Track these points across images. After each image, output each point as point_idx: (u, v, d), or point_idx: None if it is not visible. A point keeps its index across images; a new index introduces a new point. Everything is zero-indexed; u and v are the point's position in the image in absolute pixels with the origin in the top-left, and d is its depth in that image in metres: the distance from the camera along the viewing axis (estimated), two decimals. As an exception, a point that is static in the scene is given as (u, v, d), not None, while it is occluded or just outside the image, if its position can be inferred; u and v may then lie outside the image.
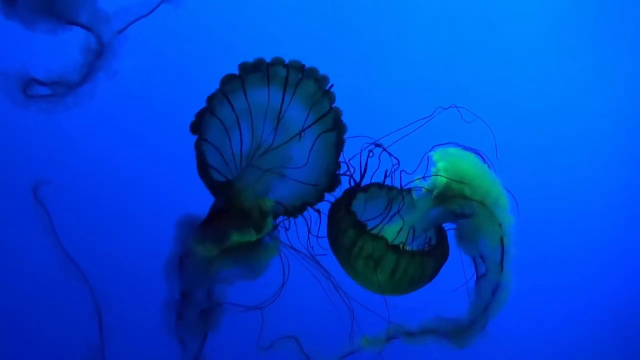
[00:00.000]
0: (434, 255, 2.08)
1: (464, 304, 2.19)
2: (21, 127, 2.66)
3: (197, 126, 1.99)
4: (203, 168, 2.01)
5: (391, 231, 2.20)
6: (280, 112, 2.09)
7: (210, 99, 2.01)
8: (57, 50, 1.89)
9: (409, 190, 2.18)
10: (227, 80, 2.02)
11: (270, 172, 2.07)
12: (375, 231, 2.13)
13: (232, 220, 2.00)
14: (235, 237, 1.96)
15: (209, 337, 2.13)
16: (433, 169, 2.13)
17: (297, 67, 2.05)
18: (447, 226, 2.18)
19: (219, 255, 2.01)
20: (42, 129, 1.73)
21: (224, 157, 2.09)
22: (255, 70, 2.02)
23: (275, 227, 2.08)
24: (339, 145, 2.11)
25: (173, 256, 2.02)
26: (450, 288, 2.17)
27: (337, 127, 2.10)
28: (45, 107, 1.87)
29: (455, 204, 2.10)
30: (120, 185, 3.12)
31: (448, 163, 2.10)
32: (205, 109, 2.00)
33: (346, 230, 2.04)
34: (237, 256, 2.02)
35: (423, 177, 2.16)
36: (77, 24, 1.81)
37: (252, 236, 1.97)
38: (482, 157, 2.14)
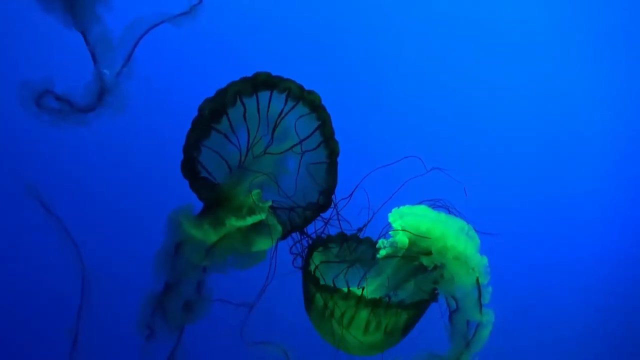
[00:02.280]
0: (416, 308, 2.09)
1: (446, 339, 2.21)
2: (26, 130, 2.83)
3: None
4: (192, 170, 2.03)
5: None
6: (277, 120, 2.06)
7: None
8: (81, 68, 1.94)
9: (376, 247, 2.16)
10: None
11: (262, 175, 2.07)
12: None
13: (228, 208, 2.03)
14: (232, 222, 2.00)
15: (193, 331, 2.16)
16: (392, 231, 2.11)
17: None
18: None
19: (216, 243, 2.05)
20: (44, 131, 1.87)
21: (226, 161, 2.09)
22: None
23: (269, 209, 2.07)
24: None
25: (169, 243, 2.04)
26: (429, 323, 2.19)
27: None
28: (52, 120, 1.90)
29: (424, 260, 2.12)
30: (121, 179, 3.31)
31: (405, 222, 2.08)
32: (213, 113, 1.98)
33: (314, 297, 2.07)
34: (234, 243, 2.06)
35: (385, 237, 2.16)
36: (85, 38, 1.87)
37: (246, 221, 1.99)
38: (446, 206, 2.13)
